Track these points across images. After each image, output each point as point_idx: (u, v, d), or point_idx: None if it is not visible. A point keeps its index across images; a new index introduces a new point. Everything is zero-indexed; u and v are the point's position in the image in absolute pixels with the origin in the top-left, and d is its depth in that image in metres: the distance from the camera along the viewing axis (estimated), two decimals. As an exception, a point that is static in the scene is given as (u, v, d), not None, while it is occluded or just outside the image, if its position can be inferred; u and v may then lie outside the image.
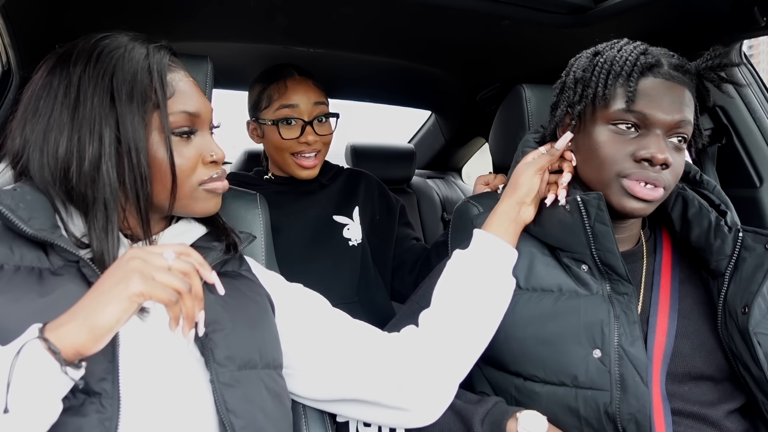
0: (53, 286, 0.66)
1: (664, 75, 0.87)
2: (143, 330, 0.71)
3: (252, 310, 0.81)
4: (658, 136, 0.87)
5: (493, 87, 1.87)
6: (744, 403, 0.93)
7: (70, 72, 0.71)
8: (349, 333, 0.87)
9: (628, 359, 0.86)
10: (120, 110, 0.70)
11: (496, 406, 0.87)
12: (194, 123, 0.77)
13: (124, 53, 0.73)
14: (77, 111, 0.70)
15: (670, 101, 0.86)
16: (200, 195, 0.77)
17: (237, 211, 1.12)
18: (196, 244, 0.82)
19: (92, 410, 0.62)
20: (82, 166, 0.69)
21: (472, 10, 1.23)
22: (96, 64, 0.71)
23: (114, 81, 0.71)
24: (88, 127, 0.70)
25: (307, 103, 1.37)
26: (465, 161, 2.80)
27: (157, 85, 0.72)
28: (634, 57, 0.88)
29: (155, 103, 0.72)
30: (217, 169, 0.79)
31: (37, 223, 0.68)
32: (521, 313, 0.92)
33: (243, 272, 0.87)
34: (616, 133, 0.89)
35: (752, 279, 0.88)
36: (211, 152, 0.78)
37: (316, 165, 1.39)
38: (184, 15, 1.33)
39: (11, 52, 1.12)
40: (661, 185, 0.87)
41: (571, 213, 0.91)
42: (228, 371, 0.72)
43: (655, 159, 0.85)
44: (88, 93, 0.70)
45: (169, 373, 0.70)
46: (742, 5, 1.09)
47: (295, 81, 1.38)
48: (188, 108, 0.75)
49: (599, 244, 0.89)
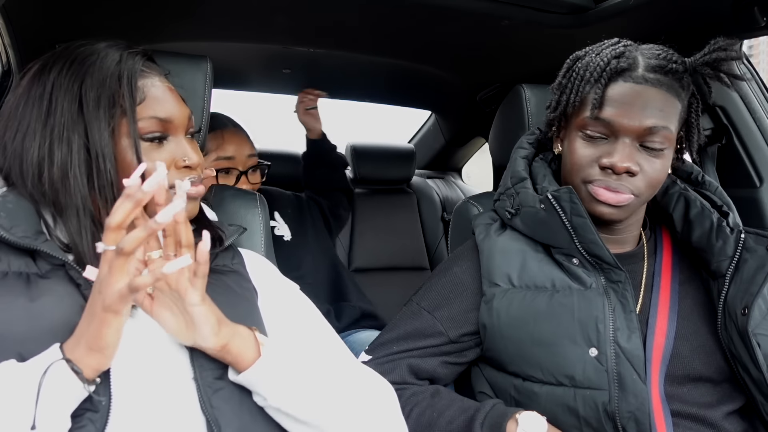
0: (42, 290, 0.67)
1: (636, 79, 0.86)
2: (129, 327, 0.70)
3: (240, 308, 0.81)
4: (626, 143, 0.86)
5: (493, 87, 1.87)
6: (743, 404, 0.93)
7: (46, 79, 0.73)
8: (324, 348, 0.86)
9: (625, 357, 0.86)
10: (87, 117, 0.71)
11: (494, 407, 0.87)
12: (166, 128, 0.76)
13: (96, 60, 0.74)
14: (48, 118, 0.71)
15: (640, 107, 0.85)
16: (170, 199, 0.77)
17: (237, 210, 1.12)
18: None
19: (83, 408, 0.63)
20: (52, 171, 0.70)
21: (473, 10, 1.23)
22: (68, 71, 0.73)
23: (83, 87, 0.72)
24: (58, 133, 0.71)
25: (241, 155, 1.48)
26: (465, 161, 2.80)
27: (125, 91, 0.72)
28: (604, 62, 0.87)
29: (124, 109, 0.72)
30: (191, 174, 0.78)
31: (19, 230, 0.69)
32: (516, 313, 0.92)
33: (234, 266, 0.86)
34: (585, 140, 0.90)
35: (753, 280, 0.88)
36: (184, 157, 0.77)
37: None
38: (184, 15, 1.33)
39: (11, 52, 1.12)
40: (625, 192, 0.87)
41: (546, 211, 0.91)
42: (214, 369, 0.72)
43: (615, 168, 0.85)
44: (59, 100, 0.71)
45: (156, 373, 0.70)
46: (742, 5, 1.09)
47: (230, 133, 1.48)
48: (159, 114, 0.75)
49: (580, 236, 0.90)
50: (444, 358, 0.97)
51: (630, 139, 0.86)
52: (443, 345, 0.96)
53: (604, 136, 0.88)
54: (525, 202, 0.96)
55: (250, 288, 0.85)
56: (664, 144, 0.87)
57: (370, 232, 2.30)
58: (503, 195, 1.02)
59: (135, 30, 1.36)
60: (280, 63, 1.79)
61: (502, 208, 1.01)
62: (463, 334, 0.96)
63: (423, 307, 0.99)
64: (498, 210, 1.03)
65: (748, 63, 1.34)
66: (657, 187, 0.90)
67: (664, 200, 0.99)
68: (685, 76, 0.88)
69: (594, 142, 0.89)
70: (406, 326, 0.98)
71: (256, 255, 0.95)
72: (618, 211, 0.89)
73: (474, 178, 2.87)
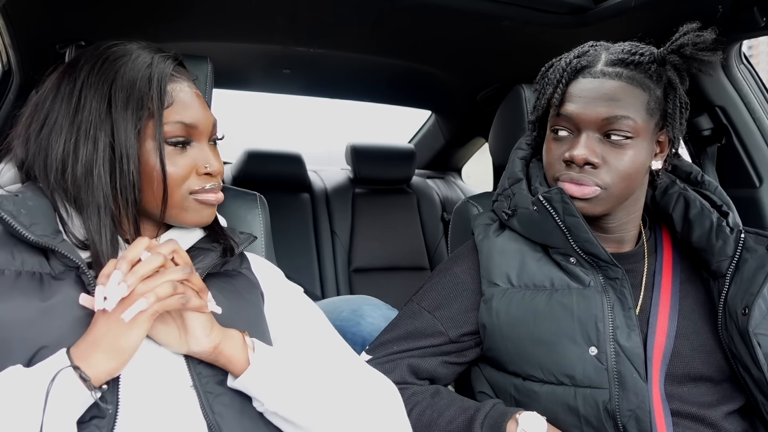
0: (53, 290, 0.67)
1: (594, 74, 0.88)
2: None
3: (246, 312, 0.81)
4: (588, 136, 0.88)
5: (493, 87, 1.87)
6: (743, 404, 0.93)
7: (76, 77, 0.73)
8: (328, 351, 0.86)
9: (625, 355, 0.86)
10: (115, 117, 0.71)
11: (494, 407, 0.87)
12: (190, 134, 0.77)
13: (127, 61, 0.74)
14: (77, 115, 0.72)
15: (596, 98, 0.87)
16: (191, 205, 0.77)
17: (237, 211, 1.12)
18: (196, 245, 0.83)
19: (90, 415, 0.63)
20: (76, 168, 0.71)
21: (473, 11, 1.23)
22: (99, 71, 0.73)
23: (113, 88, 0.72)
24: (84, 131, 0.71)
25: None
26: (465, 161, 2.80)
27: (154, 94, 0.73)
28: (566, 62, 0.91)
29: (151, 111, 0.73)
30: (212, 181, 0.79)
31: (38, 228, 0.69)
32: (516, 313, 0.92)
33: (243, 270, 0.87)
34: (555, 139, 0.92)
35: (753, 280, 0.88)
36: (206, 164, 0.78)
37: None
38: (184, 15, 1.33)
39: (11, 52, 1.12)
40: (589, 184, 0.88)
41: (539, 212, 0.92)
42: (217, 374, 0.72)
43: (574, 159, 0.87)
44: (88, 98, 0.72)
45: (159, 377, 0.70)
46: (742, 5, 1.09)
47: None
48: (185, 119, 0.76)
49: (575, 236, 0.90)
50: (444, 357, 0.97)
51: (592, 132, 0.88)
52: (443, 345, 0.96)
53: (570, 133, 0.90)
54: (520, 204, 0.97)
55: (257, 293, 0.85)
56: (629, 134, 0.87)
57: (370, 232, 2.30)
58: (501, 196, 1.02)
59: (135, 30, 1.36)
60: (280, 63, 1.79)
61: (500, 209, 1.01)
62: (463, 333, 0.96)
63: (423, 306, 0.99)
64: (496, 211, 1.03)
65: (748, 63, 1.34)
66: (629, 179, 0.89)
67: (663, 200, 0.99)
68: (652, 66, 0.88)
69: (562, 140, 0.91)
70: (406, 326, 0.98)
71: (261, 258, 0.95)
72: (588, 204, 0.89)
73: (474, 178, 2.87)
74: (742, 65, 1.33)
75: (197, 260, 0.79)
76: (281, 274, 0.95)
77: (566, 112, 0.89)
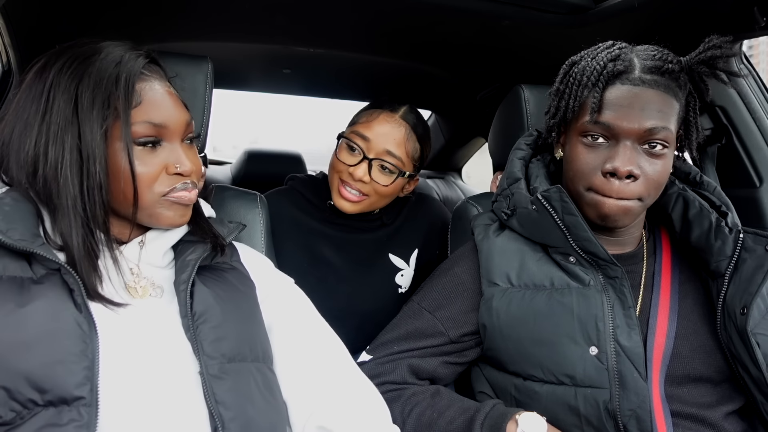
0: (32, 295, 0.66)
1: (633, 81, 0.86)
2: (126, 330, 0.71)
3: (243, 303, 0.82)
4: (627, 146, 0.86)
5: (493, 87, 1.87)
6: (743, 404, 0.93)
7: (46, 77, 0.72)
8: (317, 346, 0.86)
9: (625, 355, 0.86)
10: (81, 117, 0.71)
11: (494, 408, 0.87)
12: (160, 134, 0.76)
13: (96, 60, 0.73)
14: (45, 115, 0.71)
15: (638, 109, 0.85)
16: (164, 205, 0.76)
17: (237, 211, 1.12)
18: (185, 239, 0.83)
19: (69, 418, 0.62)
20: (46, 170, 0.70)
21: (472, 10, 1.23)
22: (68, 70, 0.72)
23: (80, 87, 0.71)
24: (53, 132, 0.70)
25: (380, 143, 1.23)
26: (465, 161, 2.80)
27: (121, 93, 0.72)
28: (601, 66, 0.87)
29: (118, 111, 0.72)
30: (183, 180, 0.77)
31: (15, 233, 0.68)
32: (516, 313, 0.92)
33: (234, 263, 0.87)
34: (587, 146, 0.89)
35: (752, 280, 0.88)
36: (177, 163, 0.76)
37: (358, 203, 1.25)
38: (184, 15, 1.33)
39: (11, 52, 1.12)
40: (629, 197, 0.86)
41: (538, 211, 0.92)
42: (217, 363, 0.73)
43: (618, 172, 0.85)
44: (56, 98, 0.71)
45: (156, 370, 0.70)
46: (742, 5, 1.09)
47: (387, 116, 1.25)
48: (154, 119, 0.74)
49: (574, 235, 0.90)
50: (444, 358, 0.97)
51: (631, 142, 0.86)
52: (444, 345, 0.96)
53: (605, 141, 0.88)
54: (519, 203, 0.96)
55: (250, 284, 0.86)
56: (666, 144, 0.87)
57: (370, 232, 2.29)
58: (500, 196, 1.02)
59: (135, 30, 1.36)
60: (280, 63, 1.79)
61: (499, 209, 1.01)
62: (463, 334, 0.96)
63: (424, 307, 0.99)
64: (495, 211, 1.03)
65: (748, 63, 1.34)
66: (660, 188, 0.90)
67: (662, 200, 0.99)
68: (681, 75, 0.88)
69: (596, 148, 0.88)
70: (407, 326, 0.98)
71: (250, 249, 0.95)
72: (627, 216, 0.89)
73: (474, 178, 2.87)
74: (742, 65, 1.33)
75: (187, 253, 0.79)
76: (271, 264, 0.95)
77: (605, 120, 0.86)
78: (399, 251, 1.38)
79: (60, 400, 0.62)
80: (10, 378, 0.61)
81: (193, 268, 0.77)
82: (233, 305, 0.79)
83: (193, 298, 0.75)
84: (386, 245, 1.37)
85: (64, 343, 0.64)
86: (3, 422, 0.60)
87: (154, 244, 0.80)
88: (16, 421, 0.61)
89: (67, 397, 0.62)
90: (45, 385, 0.62)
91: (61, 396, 0.62)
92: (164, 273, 0.80)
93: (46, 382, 0.62)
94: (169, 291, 0.78)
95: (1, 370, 0.61)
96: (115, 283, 0.74)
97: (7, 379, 0.61)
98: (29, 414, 0.61)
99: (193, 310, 0.74)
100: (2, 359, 0.62)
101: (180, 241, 0.82)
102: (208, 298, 0.77)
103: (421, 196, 1.48)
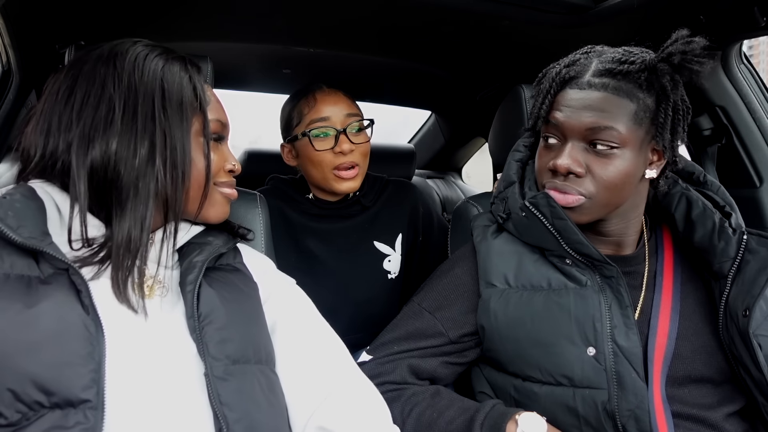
0: (40, 296, 0.66)
1: (581, 85, 0.89)
2: (132, 331, 0.71)
3: (247, 305, 0.82)
4: (573, 146, 0.89)
5: (493, 87, 1.87)
6: (744, 405, 0.92)
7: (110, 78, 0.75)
8: (318, 346, 0.87)
9: (623, 355, 0.86)
10: (170, 116, 0.76)
11: (494, 408, 0.87)
12: (223, 130, 0.85)
13: (159, 60, 0.78)
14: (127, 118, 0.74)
15: (580, 108, 0.87)
16: (217, 199, 0.84)
17: (237, 210, 1.12)
18: (191, 240, 0.83)
19: (75, 421, 0.62)
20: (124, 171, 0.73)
21: (472, 10, 1.23)
22: (142, 76, 0.76)
23: (166, 93, 0.76)
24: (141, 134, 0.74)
25: (338, 114, 1.32)
26: (465, 161, 2.80)
27: (200, 94, 0.79)
28: (556, 72, 0.92)
29: (195, 110, 0.79)
30: (231, 178, 0.87)
31: (26, 231, 0.68)
32: (514, 314, 0.92)
33: (237, 265, 0.87)
34: (544, 147, 0.94)
35: (755, 282, 0.88)
36: (232, 162, 0.86)
37: (356, 176, 1.32)
38: (184, 15, 1.33)
39: (11, 52, 1.12)
40: (573, 193, 0.88)
41: (528, 217, 0.93)
42: (222, 365, 0.73)
43: (557, 168, 0.89)
44: (139, 102, 0.74)
45: (161, 371, 0.70)
46: (742, 5, 1.09)
47: (324, 93, 1.34)
48: (221, 117, 0.84)
49: (565, 238, 0.90)
50: (444, 358, 0.97)
51: (577, 141, 0.88)
52: (444, 345, 0.96)
53: (558, 141, 0.91)
54: (513, 207, 0.97)
55: (253, 286, 0.86)
56: (615, 144, 0.86)
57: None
58: (497, 199, 1.03)
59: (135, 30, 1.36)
60: (280, 63, 1.78)
61: (497, 212, 1.01)
62: (463, 334, 0.96)
63: (424, 307, 0.99)
64: (493, 213, 1.03)
65: (748, 63, 1.34)
66: (615, 189, 0.88)
67: (665, 200, 0.99)
68: (642, 75, 0.86)
69: (551, 148, 0.92)
70: (407, 326, 0.98)
71: (252, 250, 0.96)
72: (573, 213, 0.89)
73: (474, 178, 2.87)
74: (742, 65, 1.33)
75: (194, 255, 0.80)
76: (272, 264, 0.96)
77: (553, 120, 0.90)
78: (383, 237, 1.41)
79: (66, 402, 0.62)
80: (16, 379, 0.61)
81: (201, 270, 0.77)
82: (237, 307, 0.79)
83: (199, 300, 0.75)
84: (369, 232, 1.40)
85: (72, 345, 0.64)
86: (8, 423, 0.60)
87: (165, 244, 0.80)
88: (22, 423, 0.60)
89: (73, 399, 0.62)
90: (51, 387, 0.61)
91: (67, 398, 0.62)
92: (169, 273, 0.80)
93: (52, 384, 0.61)
94: (173, 291, 0.78)
95: (7, 371, 0.61)
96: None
97: (13, 381, 0.60)
98: (35, 416, 0.61)
99: (198, 311, 0.74)
100: (9, 360, 0.61)
101: (186, 243, 0.83)
102: (214, 299, 0.77)
103: (401, 182, 1.52)
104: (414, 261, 1.48)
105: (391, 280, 1.41)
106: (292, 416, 0.81)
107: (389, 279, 1.41)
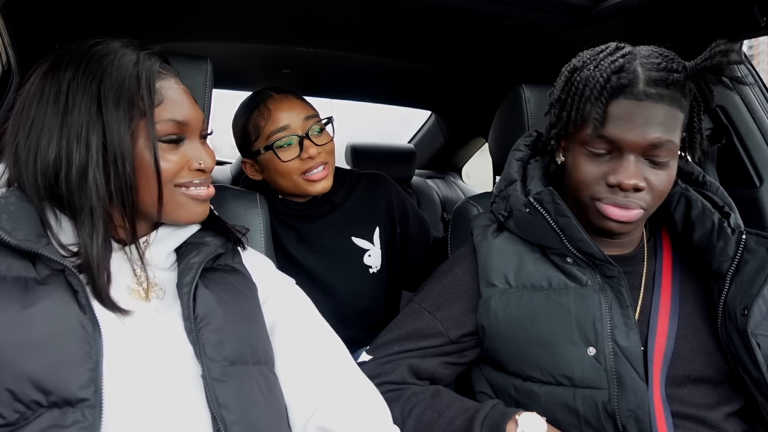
0: (37, 296, 0.66)
1: (637, 96, 0.83)
2: (129, 331, 0.71)
3: (245, 306, 0.82)
4: (630, 160, 0.85)
5: (493, 87, 1.87)
6: (743, 405, 0.92)
7: (61, 78, 0.72)
8: (318, 346, 0.86)
9: (624, 355, 0.86)
10: (106, 117, 0.71)
11: (494, 408, 0.87)
12: (182, 131, 0.77)
13: (113, 60, 0.73)
14: (66, 117, 0.70)
15: (642, 123, 0.83)
16: (183, 201, 0.78)
17: (237, 210, 1.12)
18: (189, 240, 0.83)
19: (73, 420, 0.62)
20: (70, 172, 0.70)
21: (472, 10, 1.23)
22: (85, 71, 0.72)
23: (102, 88, 0.71)
24: (75, 133, 0.70)
25: (296, 119, 1.26)
26: (465, 161, 2.80)
27: (144, 93, 0.72)
28: (604, 79, 0.84)
29: (142, 110, 0.72)
30: (201, 177, 0.79)
31: (20, 233, 0.68)
32: (514, 314, 0.92)
33: (236, 265, 0.87)
34: (590, 157, 0.88)
35: (753, 281, 0.88)
36: (199, 160, 0.78)
37: (328, 175, 1.29)
38: (184, 15, 1.33)
39: (11, 52, 1.12)
40: (634, 207, 0.86)
41: (532, 214, 0.92)
42: (219, 366, 0.73)
43: (622, 185, 0.84)
44: (77, 99, 0.71)
45: (159, 372, 0.70)
46: (742, 5, 1.09)
47: (276, 101, 1.28)
48: (176, 116, 0.76)
49: (568, 236, 0.90)
50: (444, 358, 0.97)
51: (635, 155, 0.85)
52: (444, 345, 0.96)
53: (608, 153, 0.87)
54: (515, 205, 0.96)
55: (251, 286, 0.86)
56: (669, 156, 0.86)
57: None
58: (498, 197, 1.02)
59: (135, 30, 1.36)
60: (280, 63, 1.79)
61: (497, 211, 1.01)
62: (463, 334, 0.96)
63: (424, 307, 0.99)
64: (494, 212, 1.03)
65: (748, 63, 1.34)
66: (664, 197, 0.89)
67: (665, 200, 0.99)
68: (686, 83, 0.86)
69: (598, 159, 0.87)
70: (407, 326, 0.98)
71: (251, 250, 0.96)
72: (625, 225, 0.88)
73: (474, 178, 2.87)
74: (742, 65, 1.33)
75: (190, 256, 0.79)
76: (272, 264, 0.95)
77: (609, 135, 0.85)
78: (360, 232, 1.40)
79: (64, 401, 0.62)
80: (14, 379, 0.61)
81: (197, 271, 0.77)
82: (235, 308, 0.79)
83: (195, 301, 0.75)
84: (345, 228, 1.39)
85: (69, 345, 0.64)
86: (7, 423, 0.60)
87: (159, 246, 0.80)
88: (20, 422, 0.61)
89: (71, 398, 0.62)
90: (49, 386, 0.62)
91: (65, 397, 0.62)
92: (166, 275, 0.80)
93: (50, 383, 0.62)
94: (171, 293, 0.78)
95: (5, 371, 0.61)
96: (120, 286, 0.74)
97: (11, 381, 0.61)
98: (33, 415, 0.61)
99: (195, 313, 0.74)
100: (7, 360, 0.61)
101: (183, 244, 0.82)
102: (211, 301, 0.76)
103: (373, 174, 1.50)
104: (395, 254, 1.47)
105: (374, 275, 1.40)
106: (292, 416, 0.81)
107: (371, 273, 1.40)
